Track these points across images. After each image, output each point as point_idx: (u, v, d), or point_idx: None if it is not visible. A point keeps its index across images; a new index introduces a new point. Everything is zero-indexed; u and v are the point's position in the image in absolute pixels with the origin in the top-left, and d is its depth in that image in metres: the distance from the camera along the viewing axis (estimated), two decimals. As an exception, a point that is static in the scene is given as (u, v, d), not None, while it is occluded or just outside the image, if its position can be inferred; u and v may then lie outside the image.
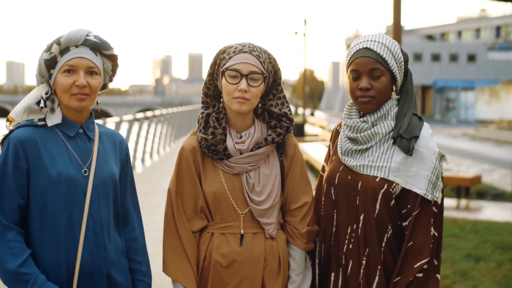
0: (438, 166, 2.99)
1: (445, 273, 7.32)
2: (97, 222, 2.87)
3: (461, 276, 7.29)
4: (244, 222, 3.12)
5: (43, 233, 2.80)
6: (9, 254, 2.72)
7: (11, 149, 2.79)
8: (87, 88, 2.85)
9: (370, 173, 3.02)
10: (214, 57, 3.15)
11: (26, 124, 2.85)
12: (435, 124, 56.79)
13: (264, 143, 3.12)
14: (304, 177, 3.24)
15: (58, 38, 2.86)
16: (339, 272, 3.10)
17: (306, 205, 3.19)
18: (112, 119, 14.98)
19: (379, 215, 2.99)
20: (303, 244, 3.16)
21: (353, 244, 3.05)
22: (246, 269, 3.09)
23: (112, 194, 2.96)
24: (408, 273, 2.92)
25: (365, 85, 3.03)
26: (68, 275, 2.81)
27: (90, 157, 2.91)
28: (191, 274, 3.08)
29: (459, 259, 7.98)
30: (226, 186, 3.11)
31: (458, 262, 7.85)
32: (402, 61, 3.09)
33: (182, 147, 3.19)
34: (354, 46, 3.10)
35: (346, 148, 3.11)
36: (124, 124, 16.53)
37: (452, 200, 13.03)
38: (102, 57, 2.94)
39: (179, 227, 3.10)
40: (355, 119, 3.12)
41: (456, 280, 7.16)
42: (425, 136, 3.01)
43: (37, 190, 2.80)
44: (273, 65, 3.14)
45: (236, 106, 3.06)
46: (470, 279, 7.19)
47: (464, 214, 11.55)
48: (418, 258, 2.92)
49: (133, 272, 3.07)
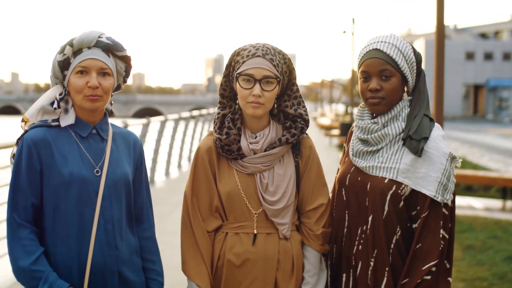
0: (449, 167, 2.95)
1: (483, 275, 7.25)
2: (109, 221, 2.91)
3: (499, 278, 7.19)
4: (258, 222, 3.13)
5: (56, 232, 2.86)
6: (22, 251, 2.79)
7: (25, 149, 2.85)
8: (100, 89, 2.89)
9: (379, 174, 3.00)
10: (229, 58, 3.17)
11: (40, 124, 2.92)
12: (487, 123, 55.93)
13: (278, 143, 3.13)
14: (320, 178, 3.23)
15: (71, 40, 2.92)
16: (350, 273, 3.10)
17: (321, 206, 3.19)
18: (157, 118, 15.12)
19: (388, 216, 2.97)
20: (318, 245, 3.16)
21: (362, 245, 3.04)
22: (258, 269, 3.10)
23: (124, 193, 3.00)
24: (415, 275, 2.90)
25: (375, 86, 3.02)
26: (80, 273, 2.86)
27: (103, 157, 2.96)
28: (205, 274, 3.11)
29: (498, 261, 7.86)
30: (240, 186, 3.13)
31: (497, 264, 7.74)
32: (414, 62, 3.06)
33: (198, 147, 3.23)
34: (364, 48, 3.08)
35: (357, 149, 3.11)
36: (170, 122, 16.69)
37: (498, 202, 12.83)
38: (115, 59, 2.99)
39: (194, 227, 3.13)
40: (366, 120, 3.11)
41: (494, 282, 7.06)
42: (435, 137, 2.98)
43: (50, 190, 2.86)
44: (288, 65, 3.14)
45: (250, 110, 3.08)
46: (508, 282, 7.07)
47: (508, 215, 11.35)
48: (426, 261, 2.89)
49: (146, 271, 3.10)
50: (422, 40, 74.27)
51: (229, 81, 3.19)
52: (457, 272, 7.36)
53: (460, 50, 76.49)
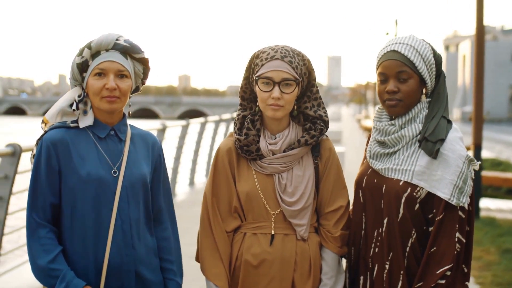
0: (466, 170, 2.91)
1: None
2: (126, 221, 2.94)
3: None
4: (276, 223, 3.13)
5: (73, 231, 2.91)
6: (41, 250, 2.84)
7: (44, 150, 2.91)
8: (117, 91, 2.93)
9: (395, 176, 2.98)
10: (249, 61, 3.19)
11: (59, 126, 2.97)
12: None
13: (297, 144, 3.13)
14: (339, 180, 3.22)
15: (89, 43, 2.96)
16: (367, 276, 3.08)
17: (340, 209, 3.18)
18: (196, 119, 15.19)
19: (403, 219, 2.95)
20: (336, 247, 3.15)
21: (378, 248, 3.02)
22: (275, 269, 3.11)
23: (142, 194, 3.03)
24: (429, 279, 2.87)
25: (392, 88, 3.00)
26: (96, 272, 2.90)
27: (121, 158, 2.99)
28: (223, 274, 3.13)
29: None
30: (259, 186, 3.14)
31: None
32: (433, 64, 3.03)
33: (218, 148, 3.25)
34: (383, 49, 3.06)
35: (374, 151, 3.09)
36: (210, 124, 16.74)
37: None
38: (133, 61, 3.02)
39: (214, 227, 3.16)
40: (384, 122, 3.09)
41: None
42: (452, 139, 2.94)
43: (68, 190, 2.91)
44: (307, 66, 3.14)
45: (270, 113, 3.09)
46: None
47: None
48: (441, 264, 2.86)
49: (164, 271, 3.12)
50: (468, 41, 73.27)
51: (249, 84, 3.21)
52: (493, 277, 7.28)
53: (507, 52, 75.33)
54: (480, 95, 10.41)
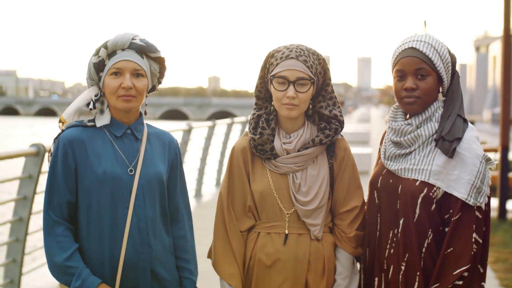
0: (483, 170, 2.88)
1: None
2: (142, 219, 2.96)
3: None
4: (290, 222, 3.13)
5: (89, 229, 2.93)
6: (57, 248, 2.87)
7: (61, 148, 2.94)
8: (133, 90, 2.95)
9: (411, 176, 2.95)
10: (264, 60, 3.19)
11: (76, 124, 3.00)
12: None
13: (312, 144, 3.12)
14: (354, 180, 3.20)
15: (105, 42, 2.99)
16: (382, 277, 3.06)
17: (355, 209, 3.17)
18: (223, 120, 15.21)
19: (419, 219, 2.92)
20: (351, 248, 3.14)
21: (394, 249, 3.00)
22: (289, 269, 3.10)
23: (158, 192, 3.04)
24: (446, 280, 2.84)
25: (411, 85, 2.97)
26: (112, 270, 2.92)
27: (137, 157, 3.01)
28: (237, 273, 3.14)
29: None
30: (273, 186, 3.13)
31: None
32: (450, 63, 3.01)
33: (233, 147, 3.26)
34: (399, 46, 3.04)
35: (390, 152, 3.06)
36: (237, 125, 16.76)
37: None
38: (149, 60, 3.04)
39: (229, 227, 3.16)
40: (400, 122, 3.06)
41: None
42: (469, 138, 2.91)
43: (84, 188, 2.93)
44: (322, 65, 3.13)
45: (285, 112, 3.09)
46: None
47: None
48: (458, 265, 2.83)
49: (180, 269, 3.14)
50: (499, 42, 72.50)
51: (264, 83, 3.21)
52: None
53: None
54: (507, 96, 10.32)
